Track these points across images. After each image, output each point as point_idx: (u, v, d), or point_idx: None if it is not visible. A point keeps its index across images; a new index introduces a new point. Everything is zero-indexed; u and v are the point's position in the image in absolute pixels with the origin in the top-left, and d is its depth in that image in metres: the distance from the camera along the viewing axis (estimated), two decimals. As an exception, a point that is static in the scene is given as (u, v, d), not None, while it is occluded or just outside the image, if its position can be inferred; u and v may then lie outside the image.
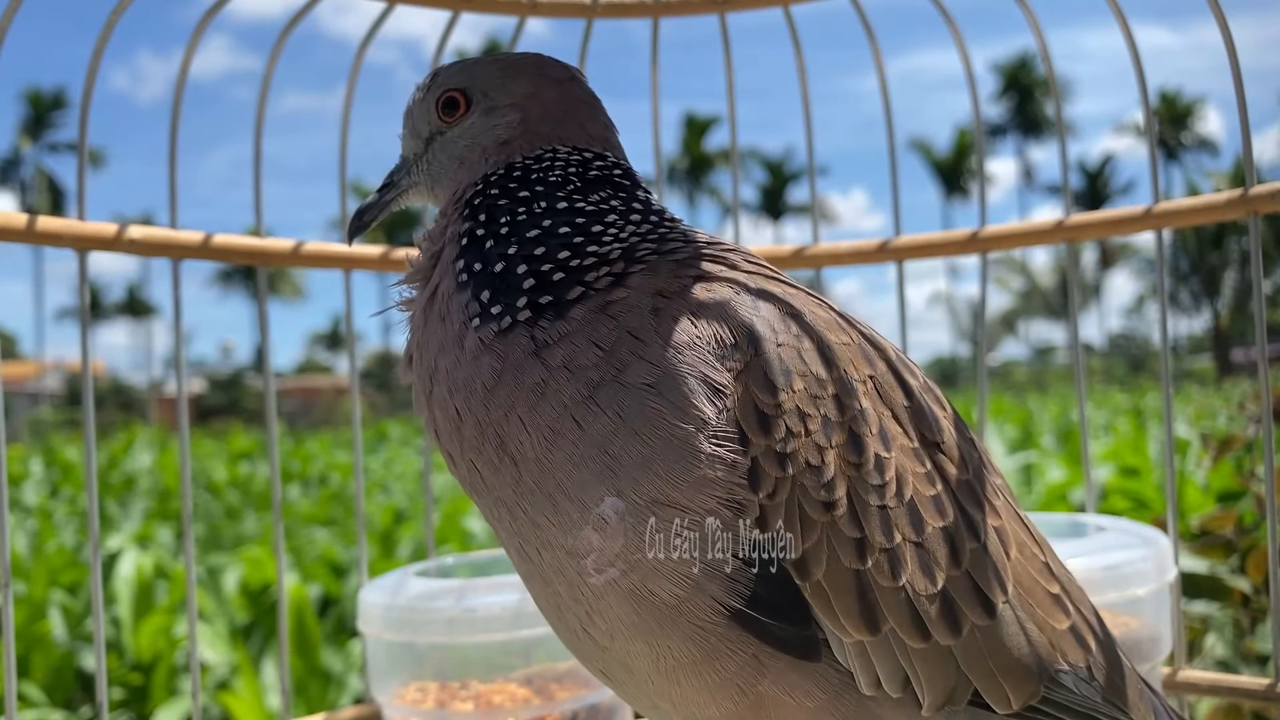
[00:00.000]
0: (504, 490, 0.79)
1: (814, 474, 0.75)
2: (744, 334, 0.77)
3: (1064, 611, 0.81)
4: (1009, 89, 58.71)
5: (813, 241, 1.65)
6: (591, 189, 0.88)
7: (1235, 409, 3.39)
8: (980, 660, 0.77)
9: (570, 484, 0.75)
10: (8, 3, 1.22)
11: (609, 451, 0.74)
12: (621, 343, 0.77)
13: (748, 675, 0.75)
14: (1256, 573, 2.10)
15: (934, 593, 0.76)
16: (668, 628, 0.75)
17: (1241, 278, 46.36)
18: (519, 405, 0.77)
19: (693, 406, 0.74)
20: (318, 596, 4.54)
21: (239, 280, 58.26)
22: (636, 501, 0.73)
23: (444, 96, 0.92)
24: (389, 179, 0.97)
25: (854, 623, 0.75)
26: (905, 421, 0.80)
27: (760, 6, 1.55)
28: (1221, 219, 1.34)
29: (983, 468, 0.84)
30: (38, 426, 36.50)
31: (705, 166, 57.37)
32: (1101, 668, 0.82)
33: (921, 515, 0.77)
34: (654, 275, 0.81)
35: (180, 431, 1.40)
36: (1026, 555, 0.82)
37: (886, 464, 0.76)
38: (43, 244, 1.27)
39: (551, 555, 0.78)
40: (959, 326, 58.46)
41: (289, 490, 8.62)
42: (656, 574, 0.74)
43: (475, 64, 0.94)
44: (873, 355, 0.82)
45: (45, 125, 56.65)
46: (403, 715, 1.26)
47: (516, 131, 0.90)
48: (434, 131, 0.94)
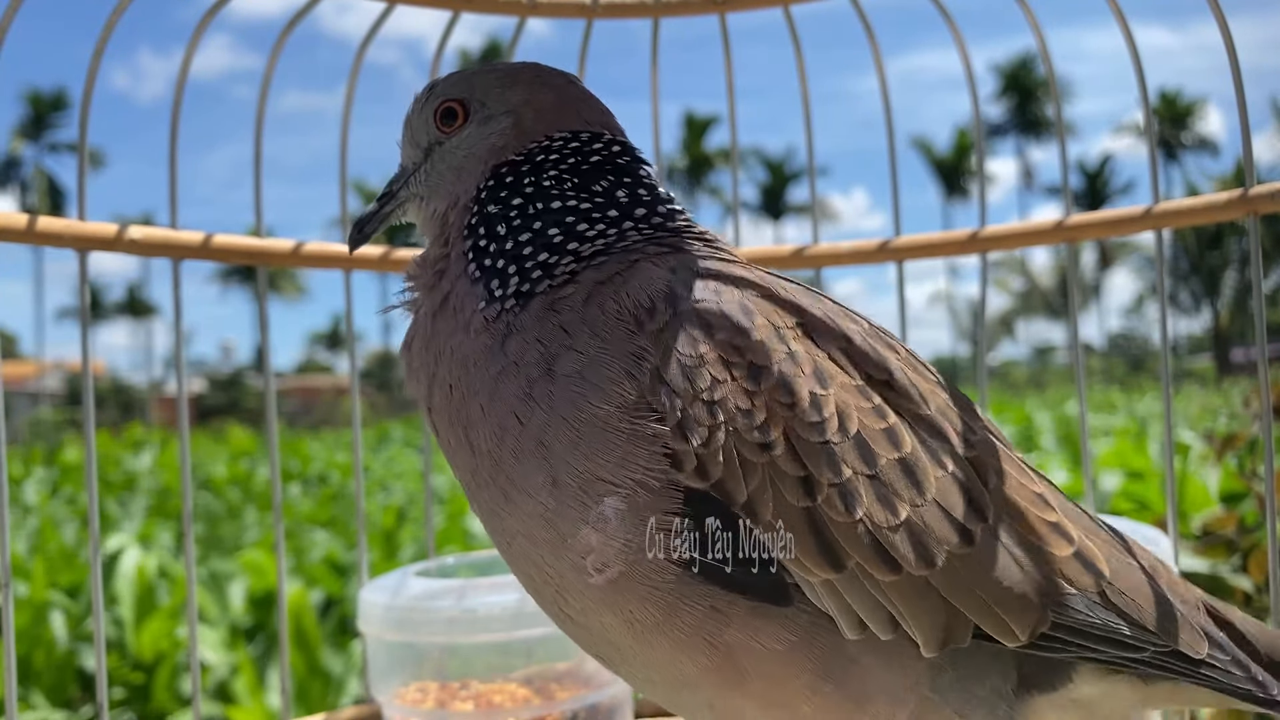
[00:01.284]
0: (466, 476, 0.85)
1: (745, 416, 0.76)
2: (661, 297, 0.80)
3: (1064, 538, 0.80)
4: (1008, 89, 58.72)
5: (813, 241, 1.65)
6: (591, 179, 0.90)
7: (1239, 406, 3.38)
8: (966, 591, 0.76)
9: (516, 474, 0.80)
10: (8, 3, 1.22)
11: (544, 442, 0.78)
12: (555, 338, 0.81)
13: (711, 627, 0.76)
14: (1258, 572, 2.10)
15: (896, 523, 0.76)
16: (625, 593, 0.77)
17: (1241, 278, 46.36)
18: (481, 394, 0.82)
19: (614, 385, 0.77)
20: (319, 598, 4.55)
21: (239, 280, 58.32)
22: (570, 483, 0.77)
23: (442, 106, 0.94)
24: (388, 189, 0.98)
25: (814, 560, 0.75)
26: (844, 361, 0.81)
27: (760, 6, 1.55)
28: (1221, 219, 1.34)
29: (954, 404, 0.84)
30: (38, 426, 36.51)
31: (705, 166, 57.38)
32: (1121, 593, 0.80)
33: (872, 448, 0.77)
34: (601, 269, 0.84)
35: (180, 431, 1.40)
36: (1012, 484, 0.82)
37: (824, 400, 0.77)
38: (43, 244, 1.27)
39: (518, 542, 0.82)
40: (959, 326, 58.48)
41: (289, 490, 8.62)
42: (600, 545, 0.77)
43: (473, 74, 0.95)
44: (803, 306, 0.83)
45: (45, 125, 56.66)
46: (403, 715, 1.26)
47: (510, 136, 0.92)
48: (433, 141, 0.95)
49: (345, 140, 1.54)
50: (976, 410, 0.87)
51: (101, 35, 1.30)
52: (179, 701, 3.99)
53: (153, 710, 3.96)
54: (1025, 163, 63.10)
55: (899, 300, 1.66)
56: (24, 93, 56.55)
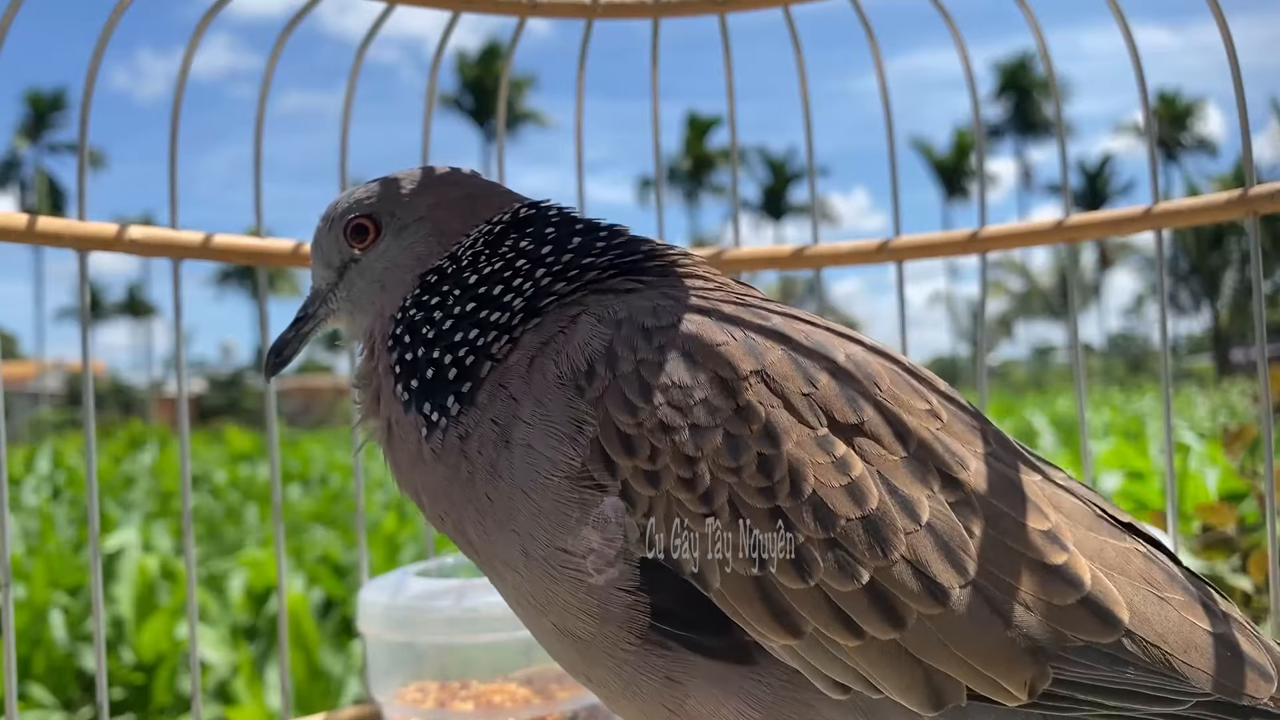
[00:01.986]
0: (481, 568, 0.86)
1: (687, 486, 0.74)
2: (601, 360, 0.78)
3: (1069, 584, 0.73)
4: (1006, 89, 58.71)
5: (813, 242, 1.65)
6: (498, 244, 0.88)
7: (1242, 404, 3.38)
8: (941, 651, 0.71)
9: (497, 549, 0.81)
10: (8, 3, 1.22)
11: (511, 514, 0.79)
12: (506, 408, 0.80)
13: (670, 697, 0.76)
14: (1258, 572, 2.10)
15: (856, 588, 0.71)
16: (590, 660, 0.78)
17: (1241, 278, 46.37)
18: (458, 499, 0.83)
19: (559, 453, 0.76)
20: (320, 598, 4.54)
21: (238, 280, 58.28)
22: (537, 555, 0.77)
23: (352, 224, 0.92)
24: (303, 312, 0.97)
25: (769, 627, 0.73)
26: (805, 409, 0.75)
27: (760, 7, 1.55)
28: (1221, 219, 1.34)
29: (944, 439, 0.77)
30: (38, 426, 36.50)
31: (707, 166, 57.41)
32: (1144, 641, 0.72)
33: (830, 508, 0.72)
34: (540, 329, 0.83)
35: (180, 431, 1.40)
36: (1005, 528, 0.74)
37: (773, 461, 0.73)
38: (43, 244, 1.27)
39: (516, 609, 0.84)
40: (959, 326, 58.48)
41: (289, 490, 8.61)
42: (567, 613, 0.77)
43: (379, 188, 0.94)
44: (762, 349, 0.77)
45: (45, 126, 56.65)
46: (403, 715, 1.26)
47: (432, 243, 0.90)
48: (346, 260, 0.93)
49: (345, 140, 1.54)
50: (980, 430, 0.80)
51: (101, 35, 1.30)
52: (179, 701, 3.99)
53: (153, 710, 3.96)
54: (1024, 163, 63.13)
55: (899, 300, 1.66)
56: (24, 93, 56.60)
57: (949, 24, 1.55)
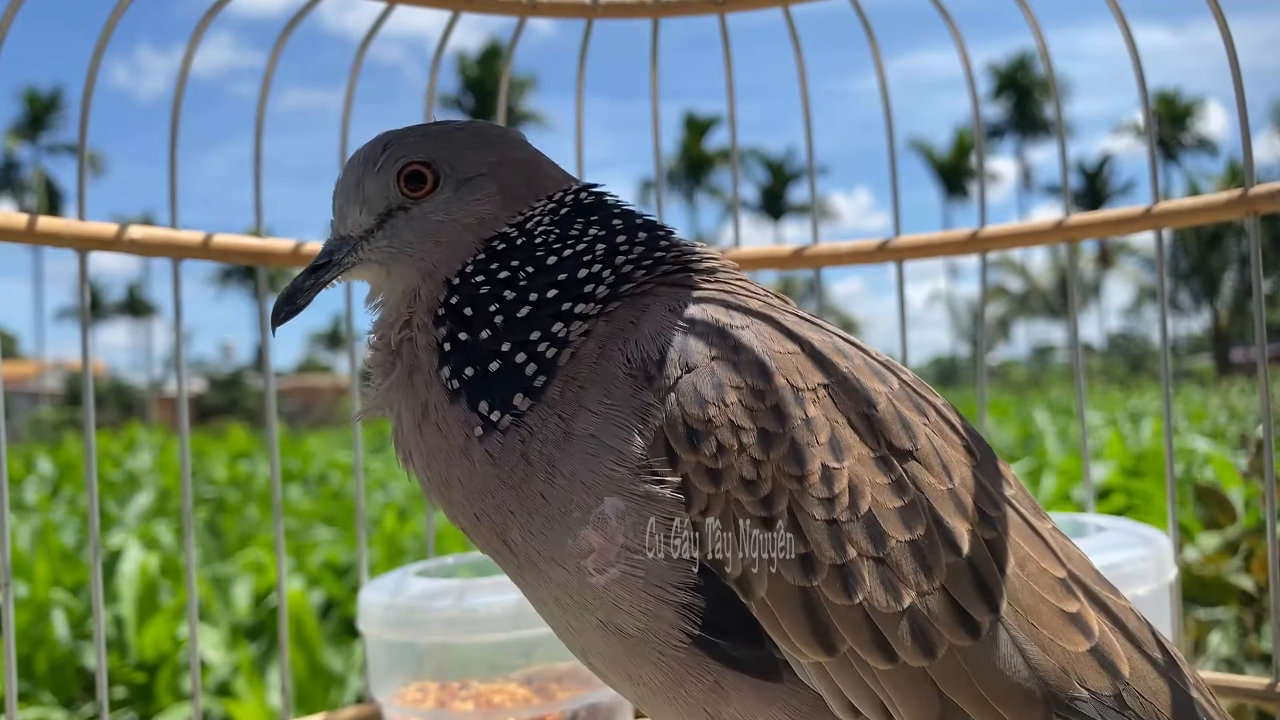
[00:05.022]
0: (510, 569, 0.83)
1: (749, 488, 0.73)
2: (675, 352, 0.77)
3: (1082, 632, 0.75)
4: (1005, 89, 58.68)
5: (813, 241, 1.65)
6: (567, 225, 0.85)
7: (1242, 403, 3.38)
8: (965, 684, 0.72)
9: (546, 547, 0.78)
10: (8, 3, 1.22)
11: (565, 508, 0.76)
12: (571, 399, 0.78)
13: (712, 700, 0.75)
14: (1260, 572, 2.10)
15: (898, 611, 0.72)
16: (636, 657, 0.76)
17: (1241, 278, 46.37)
18: (506, 501, 0.79)
19: (626, 444, 0.75)
20: (320, 598, 4.55)
21: (238, 280, 58.28)
22: (591, 546, 0.75)
23: (408, 169, 0.85)
24: (325, 258, 0.88)
25: (805, 642, 0.73)
26: (865, 429, 0.76)
27: (760, 7, 1.55)
28: (1221, 219, 1.34)
29: (980, 477, 0.80)
30: (38, 426, 36.50)
31: (706, 166, 57.37)
32: (1139, 696, 0.75)
33: (882, 528, 0.73)
34: (613, 318, 0.81)
35: (180, 431, 1.40)
36: (1030, 571, 0.77)
37: (836, 475, 0.73)
38: (43, 244, 1.27)
39: (548, 606, 0.81)
40: (959, 326, 58.46)
41: (289, 490, 8.61)
42: (618, 608, 0.75)
43: (437, 135, 0.88)
44: (829, 362, 0.78)
45: (42, 126, 56.55)
46: (403, 715, 1.26)
47: (496, 204, 0.86)
48: (393, 206, 0.86)
49: (346, 139, 1.54)
50: (1003, 477, 0.83)
51: (101, 36, 1.30)
52: (180, 701, 3.99)
53: (154, 710, 3.96)
54: (1023, 164, 63.12)
55: (899, 300, 1.66)
56: (21, 93, 56.44)
57: (949, 24, 1.55)
